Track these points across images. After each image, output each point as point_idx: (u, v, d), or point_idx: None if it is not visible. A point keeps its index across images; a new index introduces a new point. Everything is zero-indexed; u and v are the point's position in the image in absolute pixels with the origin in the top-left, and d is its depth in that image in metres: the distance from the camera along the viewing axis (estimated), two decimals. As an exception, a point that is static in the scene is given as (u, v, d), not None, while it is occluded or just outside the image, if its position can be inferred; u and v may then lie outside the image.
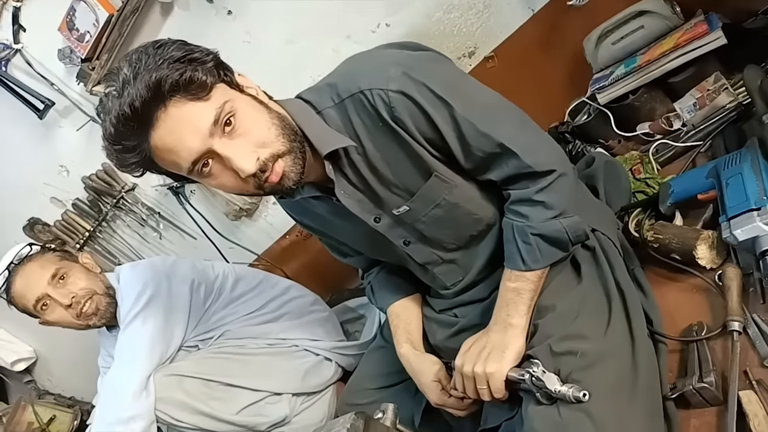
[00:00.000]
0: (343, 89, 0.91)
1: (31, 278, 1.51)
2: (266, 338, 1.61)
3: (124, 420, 1.34)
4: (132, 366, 1.41)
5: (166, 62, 0.80)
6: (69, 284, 1.53)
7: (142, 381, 1.39)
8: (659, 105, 1.40)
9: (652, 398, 0.89)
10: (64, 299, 1.50)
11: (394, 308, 1.23)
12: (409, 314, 1.21)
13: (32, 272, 1.51)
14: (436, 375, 1.09)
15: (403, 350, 1.16)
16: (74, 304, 1.51)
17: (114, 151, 0.85)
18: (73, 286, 1.53)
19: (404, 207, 0.99)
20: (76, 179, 2.14)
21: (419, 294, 1.24)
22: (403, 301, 1.23)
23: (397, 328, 1.20)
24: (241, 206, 2.04)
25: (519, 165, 0.90)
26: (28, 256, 1.53)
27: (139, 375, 1.39)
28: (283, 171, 0.86)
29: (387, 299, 1.24)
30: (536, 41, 1.57)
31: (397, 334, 1.19)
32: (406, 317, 1.21)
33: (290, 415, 1.53)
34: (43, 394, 3.05)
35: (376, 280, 1.27)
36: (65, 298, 1.51)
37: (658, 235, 1.10)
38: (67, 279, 1.53)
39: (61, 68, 1.86)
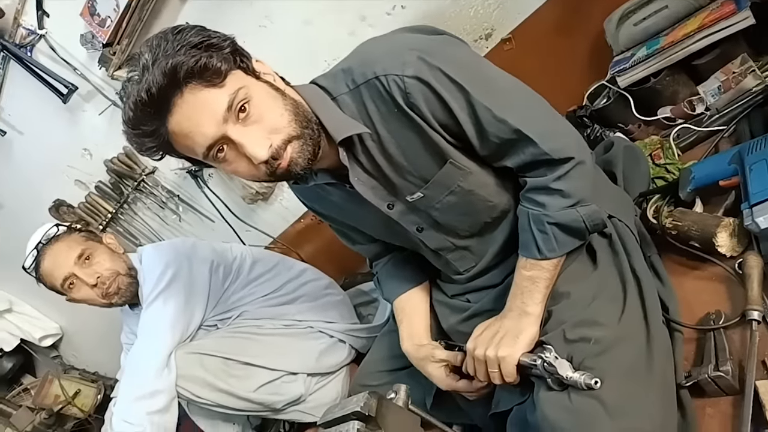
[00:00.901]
0: (358, 75, 0.90)
1: (58, 258, 1.55)
2: (283, 319, 1.65)
3: (147, 395, 1.39)
4: (154, 343, 1.46)
5: (184, 48, 0.81)
6: (94, 264, 1.57)
7: (165, 358, 1.43)
8: (682, 88, 1.36)
9: (666, 386, 0.88)
10: (90, 279, 1.55)
11: (399, 302, 1.23)
12: (412, 308, 1.21)
13: (59, 252, 1.56)
14: (439, 359, 1.09)
15: (405, 346, 1.17)
16: (99, 283, 1.56)
17: (133, 135, 0.86)
18: (98, 266, 1.57)
19: (418, 194, 0.98)
20: (99, 162, 2.19)
21: (427, 283, 1.24)
22: (408, 293, 1.23)
23: (401, 322, 1.20)
24: (257, 190, 2.06)
25: (536, 152, 0.89)
26: (56, 236, 1.57)
27: (162, 352, 1.43)
28: (291, 157, 0.86)
29: (394, 291, 1.24)
30: (555, 23, 1.53)
31: (401, 328, 1.20)
32: (410, 311, 1.21)
33: (305, 394, 1.57)
34: (68, 368, 3.15)
35: (383, 270, 1.27)
36: (90, 277, 1.55)
37: (677, 222, 1.07)
38: (92, 259, 1.57)
39: (84, 53, 1.89)
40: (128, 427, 1.37)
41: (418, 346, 1.15)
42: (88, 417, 2.83)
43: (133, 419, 1.37)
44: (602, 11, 1.47)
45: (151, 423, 1.37)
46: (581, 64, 1.58)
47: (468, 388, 1.06)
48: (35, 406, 2.75)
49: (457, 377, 1.08)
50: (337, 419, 0.84)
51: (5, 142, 2.18)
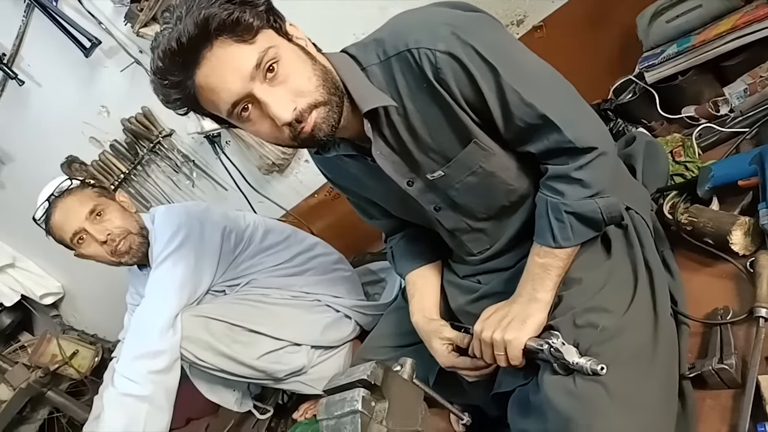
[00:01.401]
0: (390, 46, 0.90)
1: (69, 212, 1.55)
2: (290, 290, 1.66)
3: (150, 354, 1.40)
4: (161, 303, 1.46)
5: (219, 1, 0.81)
6: (105, 221, 1.57)
7: (170, 318, 1.44)
8: (707, 89, 1.36)
9: (669, 376, 0.89)
10: (100, 235, 1.55)
11: (411, 276, 1.24)
12: (425, 282, 1.22)
13: (71, 206, 1.55)
14: (446, 337, 1.10)
15: (415, 318, 1.18)
16: (109, 241, 1.56)
17: (160, 86, 0.86)
18: (109, 223, 1.57)
19: (439, 172, 0.98)
20: (116, 121, 2.18)
21: (439, 262, 1.25)
22: (421, 269, 1.24)
23: (413, 296, 1.21)
24: (273, 161, 2.06)
25: (560, 139, 0.89)
26: (68, 190, 1.57)
27: (168, 312, 1.44)
28: (315, 122, 0.86)
29: (407, 266, 1.25)
30: (588, 14, 1.53)
31: (412, 302, 1.20)
32: (422, 285, 1.22)
33: (307, 365, 1.58)
34: (67, 329, 3.17)
35: (397, 246, 1.28)
36: (101, 234, 1.55)
37: (693, 219, 1.08)
38: (103, 216, 1.57)
39: (110, 7, 1.88)
40: (129, 384, 1.38)
41: (428, 319, 1.16)
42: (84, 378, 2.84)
43: (134, 377, 1.38)
44: (635, 6, 1.47)
45: (152, 382, 1.38)
46: (610, 57, 1.59)
47: (467, 365, 1.07)
48: (31, 363, 2.74)
49: (457, 355, 1.09)
50: (342, 386, 0.85)
51: (23, 92, 2.17)
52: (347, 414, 0.81)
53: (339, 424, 0.82)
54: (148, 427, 1.37)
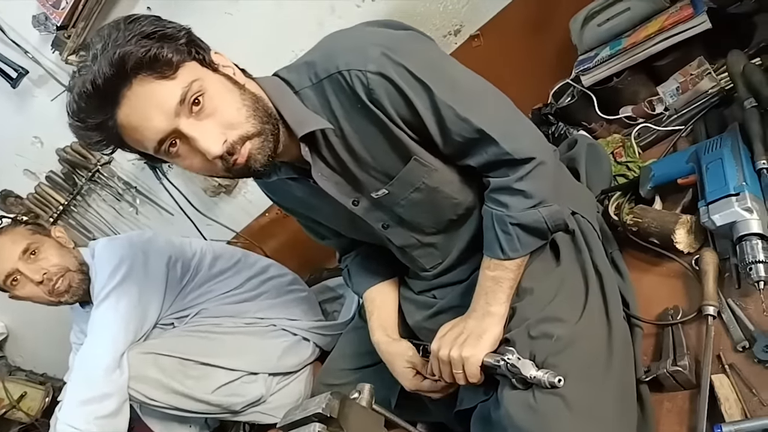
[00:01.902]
0: (321, 69, 0.88)
1: (1, 253, 1.47)
2: (243, 317, 1.61)
3: (96, 398, 1.33)
4: (105, 343, 1.39)
5: (135, 38, 0.78)
6: (41, 260, 1.49)
7: (116, 358, 1.37)
8: (642, 88, 1.39)
9: (625, 381, 0.89)
10: (35, 275, 1.47)
11: (369, 294, 1.22)
12: (383, 300, 1.21)
13: (2, 246, 1.47)
14: (409, 360, 1.08)
15: (375, 338, 1.16)
16: (46, 280, 1.48)
17: (79, 128, 0.83)
18: (44, 262, 1.49)
19: (383, 190, 0.97)
20: (50, 151, 2.09)
21: (396, 278, 1.24)
22: (378, 286, 1.22)
23: (371, 314, 1.19)
24: (219, 182, 2.01)
25: (498, 152, 0.89)
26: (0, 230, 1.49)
27: (113, 352, 1.37)
28: (249, 153, 0.84)
29: (363, 284, 1.23)
30: (523, 21, 1.55)
31: (371, 320, 1.18)
32: (381, 303, 1.20)
33: (266, 394, 1.53)
34: (14, 370, 3.02)
35: (353, 264, 1.26)
36: (36, 274, 1.47)
37: (638, 219, 1.10)
38: (38, 254, 1.49)
39: (36, 35, 1.80)
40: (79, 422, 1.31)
41: (391, 339, 1.14)
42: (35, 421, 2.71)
43: (79, 424, 1.31)
44: (569, 11, 1.49)
45: (99, 427, 1.31)
46: (547, 62, 1.61)
47: (433, 388, 1.06)
48: None
49: (422, 378, 1.08)
50: (297, 421, 0.83)
51: (-53, 128, 2.06)
52: (305, 450, 0.78)
53: (298, 461, 0.79)
54: None
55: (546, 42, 1.58)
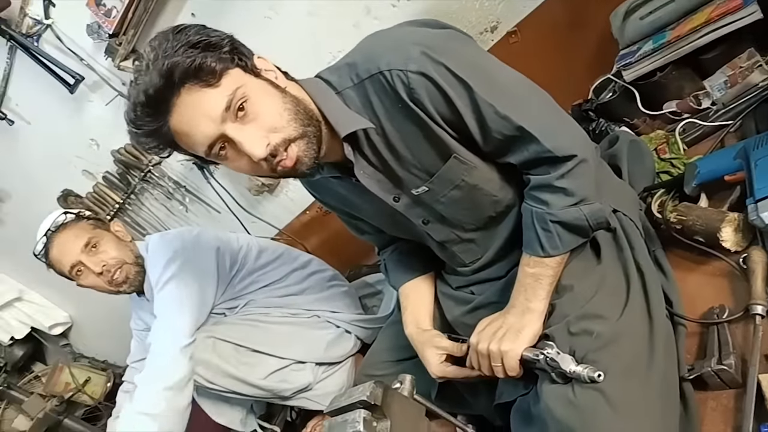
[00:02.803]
0: (362, 69, 0.90)
1: (65, 246, 1.57)
2: (290, 308, 1.66)
3: (165, 374, 1.40)
4: (173, 324, 1.46)
5: (182, 48, 0.82)
6: (100, 253, 1.59)
7: (185, 336, 1.44)
8: (688, 83, 1.35)
9: (668, 379, 0.89)
10: (96, 267, 1.57)
11: (405, 288, 1.25)
12: (418, 294, 1.23)
13: (66, 240, 1.57)
14: (438, 346, 1.10)
15: (408, 330, 1.18)
16: (105, 272, 1.58)
17: (136, 135, 0.88)
18: (104, 255, 1.59)
19: (423, 187, 0.99)
20: (106, 152, 2.21)
21: (432, 273, 1.26)
22: (414, 281, 1.24)
23: (406, 309, 1.22)
24: (263, 182, 2.07)
25: (539, 149, 0.89)
26: (64, 224, 1.59)
27: (181, 331, 1.45)
28: (297, 156, 0.88)
29: (400, 278, 1.26)
30: (561, 16, 1.53)
31: (405, 314, 1.21)
32: (415, 298, 1.22)
33: (313, 382, 1.59)
34: (78, 357, 3.20)
35: (390, 258, 1.29)
36: (96, 266, 1.57)
37: (682, 217, 1.08)
38: (98, 248, 1.59)
39: (90, 43, 1.90)
40: (143, 403, 1.38)
41: (421, 330, 1.17)
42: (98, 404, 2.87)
43: (149, 395, 1.38)
44: (608, 4, 1.46)
45: (165, 400, 1.38)
46: (587, 57, 1.58)
47: (459, 374, 1.07)
48: (46, 393, 2.80)
49: (449, 364, 1.09)
50: (343, 408, 0.86)
51: (13, 131, 2.19)
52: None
53: (343, 445, 0.82)
54: None
55: (585, 37, 1.56)
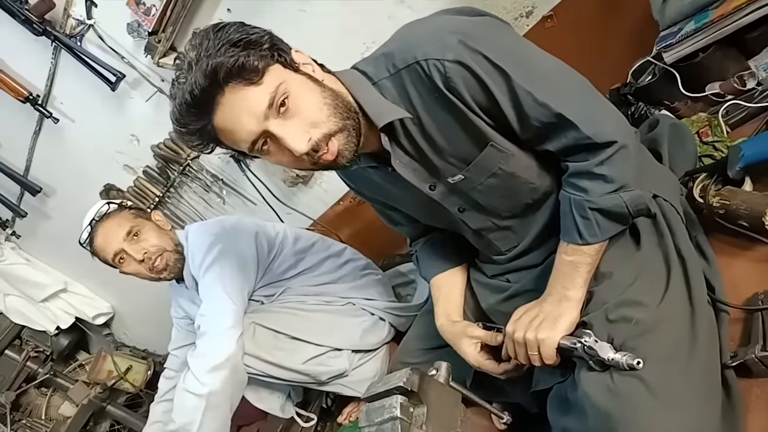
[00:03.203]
0: (399, 59, 0.91)
1: (108, 234, 1.64)
2: (325, 296, 1.70)
3: (214, 354, 1.43)
4: (219, 305, 1.50)
5: (224, 47, 0.83)
6: (141, 241, 1.64)
7: (232, 317, 1.48)
8: (732, 63, 1.31)
9: (709, 366, 0.87)
10: (137, 255, 1.63)
11: (436, 280, 1.25)
12: (449, 287, 1.24)
13: (110, 229, 1.64)
14: (471, 335, 1.11)
15: (439, 322, 1.19)
16: (146, 259, 1.63)
17: (182, 134, 0.91)
18: (145, 242, 1.64)
19: (459, 176, 0.99)
20: (146, 148, 2.27)
21: (464, 266, 1.26)
22: (446, 273, 1.25)
23: (437, 300, 1.23)
24: (297, 173, 2.10)
25: (578, 136, 0.88)
26: (107, 214, 1.65)
27: (227, 312, 1.49)
28: (337, 150, 0.89)
29: (431, 270, 1.27)
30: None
31: (437, 306, 1.22)
32: (447, 290, 1.23)
33: (349, 368, 1.62)
34: (120, 346, 3.32)
35: (422, 250, 1.29)
36: (138, 253, 1.63)
37: (725, 201, 1.05)
38: (140, 236, 1.65)
39: (130, 41, 1.95)
40: (193, 382, 1.42)
41: (452, 322, 1.18)
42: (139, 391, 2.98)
43: (199, 377, 1.42)
44: (648, -15, 1.43)
45: (215, 381, 1.41)
46: (625, 40, 1.55)
47: (496, 369, 1.08)
48: (90, 381, 2.92)
49: (487, 356, 1.10)
50: (380, 393, 0.87)
51: (58, 129, 2.27)
52: (387, 421, 0.84)
53: (380, 430, 0.84)
54: (204, 424, 1.41)
55: (623, 19, 1.52)
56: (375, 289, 1.75)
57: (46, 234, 2.81)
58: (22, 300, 2.94)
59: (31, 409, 2.99)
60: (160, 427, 1.77)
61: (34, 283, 2.90)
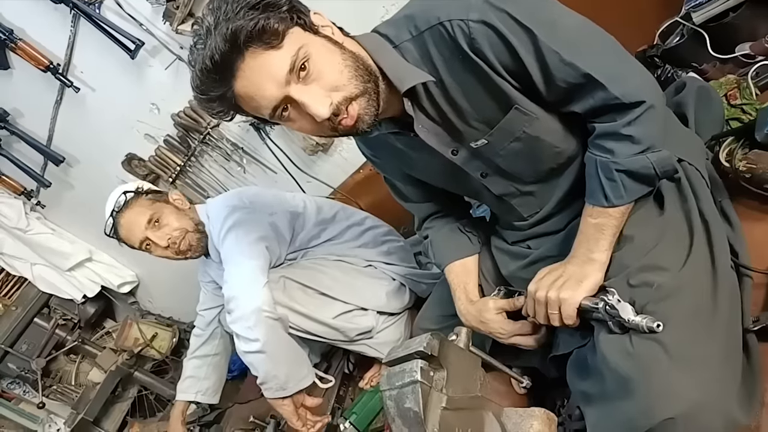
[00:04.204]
0: (421, 21, 0.90)
1: (131, 225, 1.67)
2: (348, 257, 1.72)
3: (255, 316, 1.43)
4: (246, 262, 1.50)
5: (243, 10, 0.82)
6: (163, 227, 1.67)
7: (257, 274, 1.47)
8: (763, 23, 1.27)
9: (730, 330, 0.87)
10: (162, 241, 1.66)
11: (453, 267, 1.26)
12: (466, 275, 1.25)
13: (130, 220, 1.67)
14: (495, 306, 1.12)
15: (460, 306, 1.21)
16: (171, 244, 1.67)
17: (203, 101, 0.90)
18: (167, 228, 1.67)
19: (483, 140, 0.98)
20: (166, 116, 2.28)
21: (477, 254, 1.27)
22: (461, 261, 1.26)
23: (457, 288, 1.24)
24: (317, 141, 2.10)
25: (606, 96, 0.87)
26: (126, 204, 1.67)
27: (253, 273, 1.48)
28: (357, 114, 0.88)
29: (445, 258, 1.27)
30: (626, -44, 1.45)
31: (456, 292, 1.23)
32: (465, 277, 1.24)
33: (375, 327, 1.66)
34: (145, 313, 3.39)
35: (435, 235, 1.29)
36: (162, 240, 1.66)
37: (752, 165, 1.03)
38: (161, 221, 1.67)
39: (149, 8, 1.94)
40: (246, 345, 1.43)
41: (471, 302, 1.19)
42: (165, 358, 3.06)
43: (246, 336, 1.43)
44: (677, -59, 1.37)
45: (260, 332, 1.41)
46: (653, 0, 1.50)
47: (525, 330, 1.09)
48: (117, 348, 3.00)
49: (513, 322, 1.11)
50: (401, 358, 0.89)
51: (79, 98, 2.27)
52: (408, 384, 0.85)
53: (401, 393, 0.86)
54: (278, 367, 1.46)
55: (652, -23, 1.48)
56: (396, 255, 1.77)
57: (71, 203, 2.85)
58: (49, 269, 3.00)
59: (61, 375, 3.08)
60: (193, 381, 1.87)
61: (60, 252, 2.95)
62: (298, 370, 1.50)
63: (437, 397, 0.86)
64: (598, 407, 0.87)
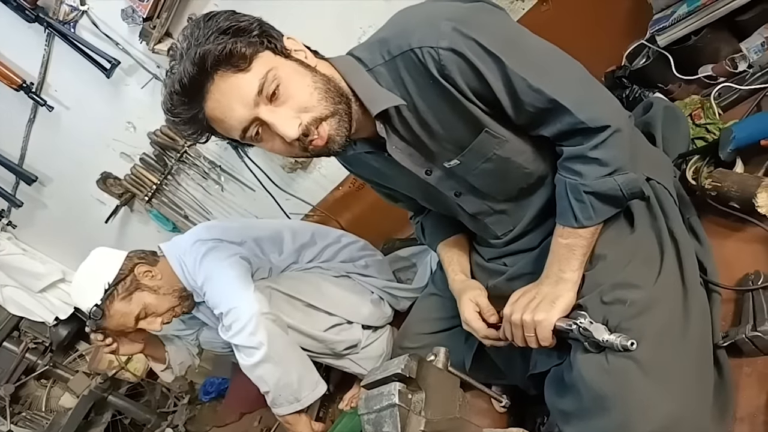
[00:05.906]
0: (394, 46, 0.91)
1: (123, 328, 1.58)
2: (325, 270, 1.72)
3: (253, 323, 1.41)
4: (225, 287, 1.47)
5: (213, 35, 0.84)
6: (151, 315, 1.58)
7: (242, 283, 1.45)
8: (724, 45, 1.32)
9: (702, 346, 0.89)
10: (157, 328, 1.62)
11: (447, 243, 1.27)
12: (461, 249, 1.26)
13: (119, 322, 1.56)
14: (474, 300, 1.12)
15: (458, 278, 1.21)
16: (167, 322, 1.63)
17: (173, 123, 0.92)
18: (154, 317, 1.59)
19: (455, 161, 1.00)
20: (143, 135, 2.25)
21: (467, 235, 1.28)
22: (453, 238, 1.27)
23: (452, 260, 1.24)
24: (296, 159, 2.10)
25: (572, 121, 0.89)
26: (103, 315, 1.53)
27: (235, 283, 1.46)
28: (328, 135, 0.89)
29: (438, 236, 1.29)
30: (593, -19, 1.50)
31: (451, 266, 1.23)
32: (459, 251, 1.26)
33: (363, 340, 1.65)
34: (120, 336, 3.30)
35: (426, 219, 1.31)
36: (157, 327, 1.61)
37: (717, 183, 1.07)
38: (147, 311, 1.57)
39: (125, 28, 1.93)
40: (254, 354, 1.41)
41: (467, 278, 1.20)
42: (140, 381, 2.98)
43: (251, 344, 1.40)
44: (642, -32, 1.43)
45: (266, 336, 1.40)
46: (620, 23, 1.55)
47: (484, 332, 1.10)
48: (90, 371, 2.89)
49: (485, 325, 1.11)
50: (379, 381, 0.88)
51: (53, 117, 2.24)
52: (386, 408, 0.84)
53: (379, 417, 0.85)
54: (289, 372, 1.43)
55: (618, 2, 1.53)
56: (373, 267, 1.77)
57: (43, 223, 2.79)
58: (19, 291, 2.90)
59: (31, 401, 2.96)
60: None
61: (32, 273, 2.86)
62: (309, 374, 1.47)
63: (416, 420, 0.85)
64: (576, 425, 0.88)
